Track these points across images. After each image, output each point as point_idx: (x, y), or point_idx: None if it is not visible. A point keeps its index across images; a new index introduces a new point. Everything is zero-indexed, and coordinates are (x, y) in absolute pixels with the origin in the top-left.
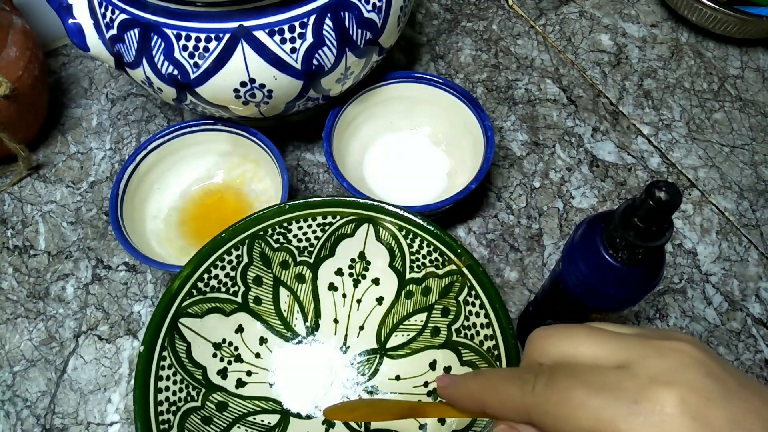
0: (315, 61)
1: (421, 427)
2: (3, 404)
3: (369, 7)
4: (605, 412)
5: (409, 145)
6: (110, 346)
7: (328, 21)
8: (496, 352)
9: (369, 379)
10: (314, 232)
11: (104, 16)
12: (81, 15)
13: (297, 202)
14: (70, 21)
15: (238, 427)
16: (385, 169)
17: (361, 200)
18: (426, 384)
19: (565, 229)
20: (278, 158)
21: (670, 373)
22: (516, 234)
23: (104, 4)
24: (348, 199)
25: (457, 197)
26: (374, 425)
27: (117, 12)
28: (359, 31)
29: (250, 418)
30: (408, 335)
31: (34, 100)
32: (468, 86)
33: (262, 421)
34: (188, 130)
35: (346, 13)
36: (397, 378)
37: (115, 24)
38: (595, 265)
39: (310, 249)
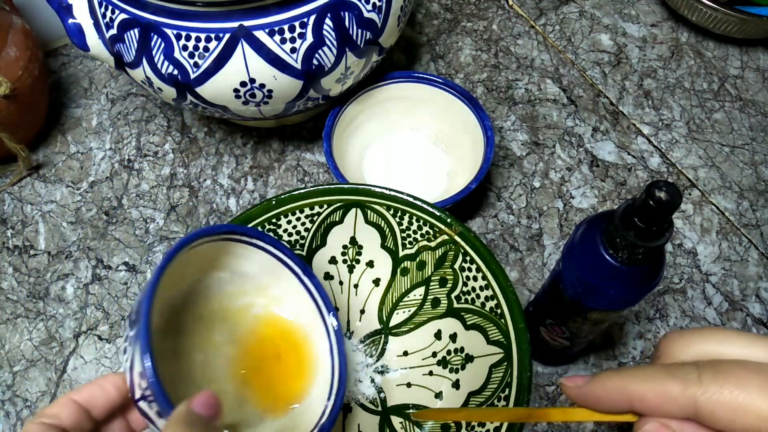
0: (315, 61)
1: (437, 395)
2: (3, 404)
3: (369, 7)
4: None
5: (409, 145)
6: (110, 346)
7: (328, 21)
8: (499, 311)
9: (377, 360)
10: (303, 224)
11: (104, 16)
12: (81, 15)
13: (283, 196)
14: (70, 21)
15: None
16: (385, 169)
17: (346, 186)
18: (434, 354)
19: (565, 229)
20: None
21: None
22: (516, 234)
23: (104, 4)
24: (333, 186)
25: (457, 197)
26: (391, 401)
27: (117, 12)
28: (359, 31)
29: None
30: (409, 311)
31: (34, 100)
32: (468, 86)
33: None
34: None
35: (346, 13)
36: (405, 353)
37: (115, 24)
38: (595, 264)
39: (301, 242)
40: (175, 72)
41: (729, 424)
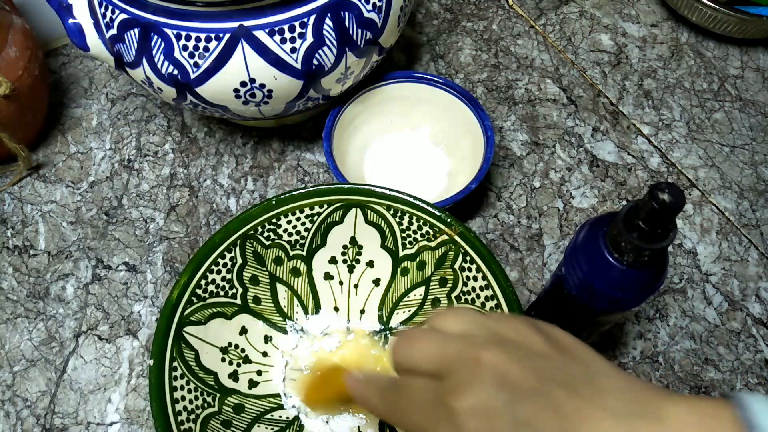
0: (315, 61)
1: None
2: (3, 404)
3: (369, 7)
4: (421, 426)
5: (409, 145)
6: (110, 346)
7: (328, 21)
8: (499, 311)
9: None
10: (303, 224)
11: (104, 15)
12: (81, 15)
13: (283, 196)
14: (70, 21)
15: (258, 426)
16: (385, 169)
17: (346, 186)
18: None
19: (565, 229)
20: None
21: (462, 388)
22: (516, 234)
23: (104, 3)
24: (333, 186)
25: (457, 197)
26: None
27: (117, 12)
28: (359, 31)
29: (268, 416)
30: (409, 311)
31: (34, 100)
32: (468, 86)
33: (280, 416)
34: None
35: (346, 13)
36: None
37: (115, 24)
38: (600, 268)
39: (301, 242)
40: (175, 72)
41: None
